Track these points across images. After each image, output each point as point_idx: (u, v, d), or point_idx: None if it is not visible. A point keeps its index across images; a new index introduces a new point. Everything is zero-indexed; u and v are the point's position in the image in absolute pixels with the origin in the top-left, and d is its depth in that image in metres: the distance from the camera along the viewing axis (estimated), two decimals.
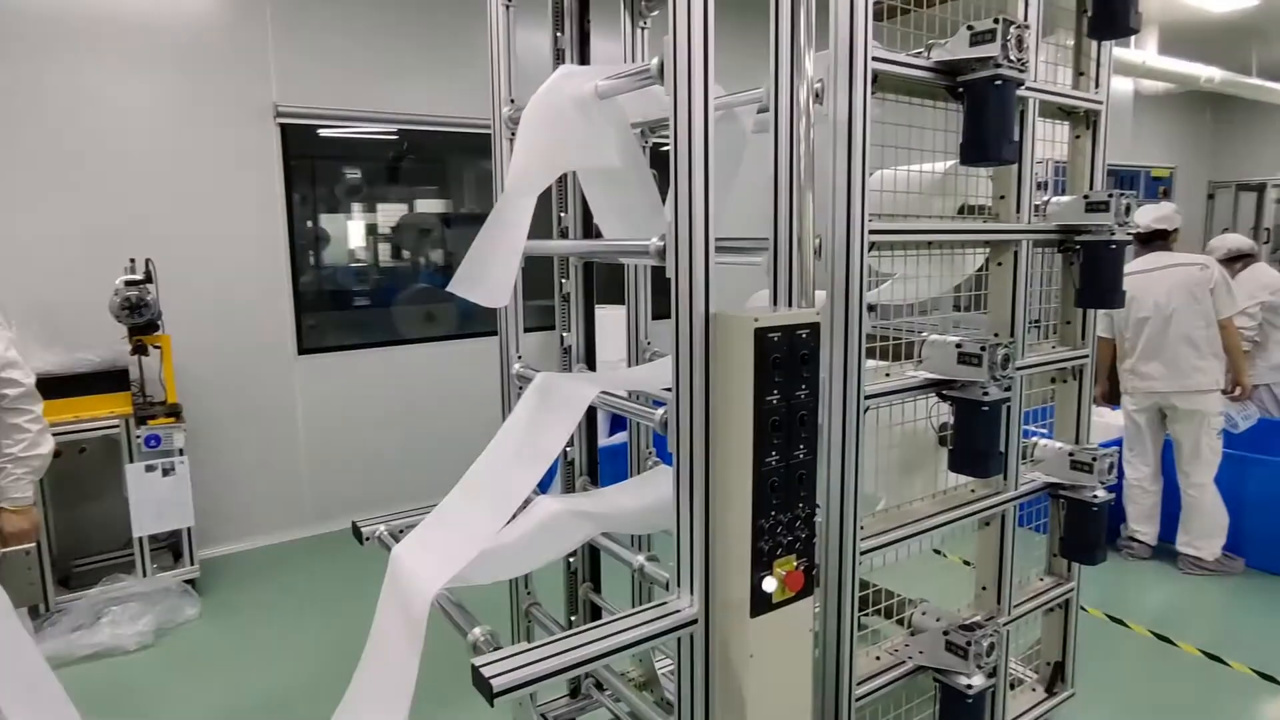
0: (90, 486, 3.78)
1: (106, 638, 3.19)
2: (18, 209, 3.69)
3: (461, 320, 5.25)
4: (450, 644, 1.72)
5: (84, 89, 3.82)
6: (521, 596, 2.45)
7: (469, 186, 5.39)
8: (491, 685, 1.34)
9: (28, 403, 2.17)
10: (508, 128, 2.34)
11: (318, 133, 4.52)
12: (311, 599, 3.76)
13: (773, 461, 1.52)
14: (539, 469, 1.87)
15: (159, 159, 4.00)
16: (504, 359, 2.41)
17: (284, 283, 4.41)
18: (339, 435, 4.60)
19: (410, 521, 2.10)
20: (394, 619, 1.81)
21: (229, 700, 2.93)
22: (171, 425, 3.57)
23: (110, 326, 3.57)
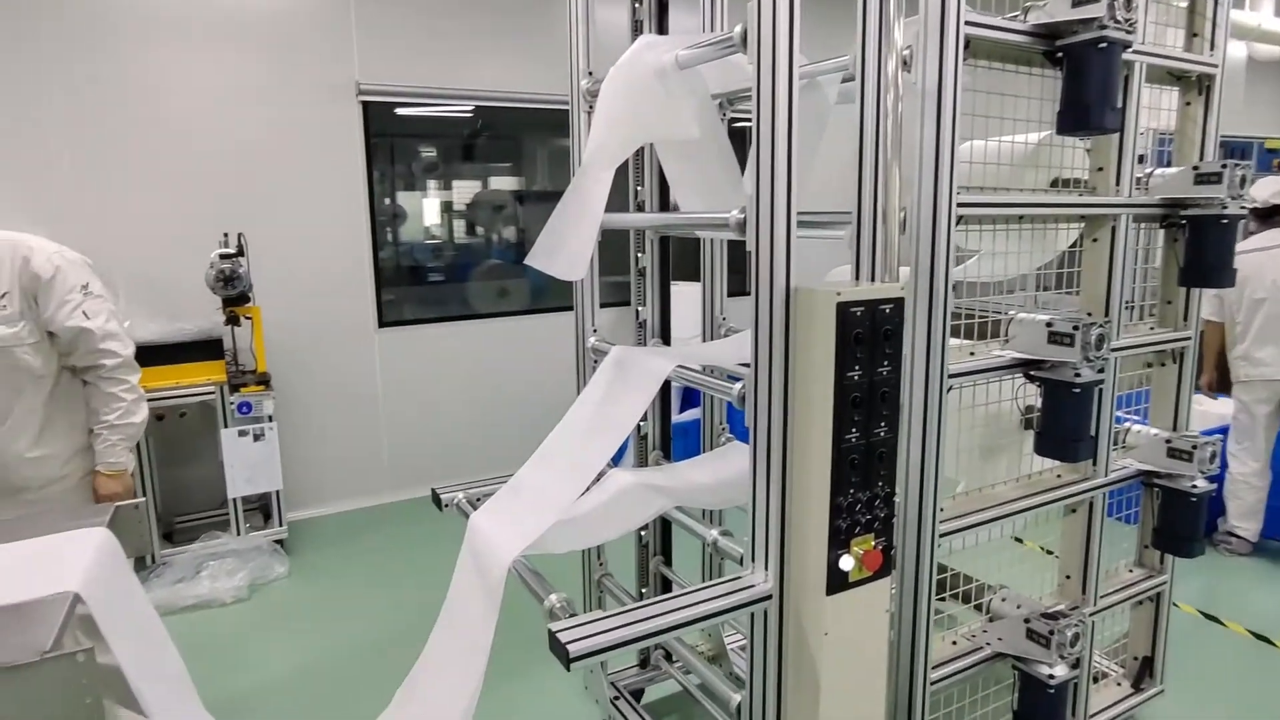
0: (190, 448, 4.00)
1: (206, 590, 3.39)
2: (124, 188, 3.89)
3: (534, 296, 5.32)
4: (519, 610, 1.75)
5: (179, 74, 3.99)
6: (594, 567, 2.49)
7: (541, 163, 5.43)
8: (568, 650, 1.37)
9: (124, 373, 2.29)
10: (586, 101, 2.33)
11: (395, 111, 4.61)
12: (390, 561, 3.91)
13: (853, 439, 1.49)
14: (614, 441, 1.88)
15: (249, 138, 4.16)
16: (579, 332, 2.43)
17: (365, 258, 4.54)
18: (416, 406, 4.74)
19: (487, 490, 2.15)
20: (471, 583, 1.87)
21: (315, 654, 3.08)
22: (261, 393, 3.74)
23: (206, 298, 3.75)
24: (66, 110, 3.76)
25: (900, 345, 1.57)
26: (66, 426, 2.22)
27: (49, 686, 1.15)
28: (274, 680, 2.88)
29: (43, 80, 3.72)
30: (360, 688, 2.82)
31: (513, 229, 5.39)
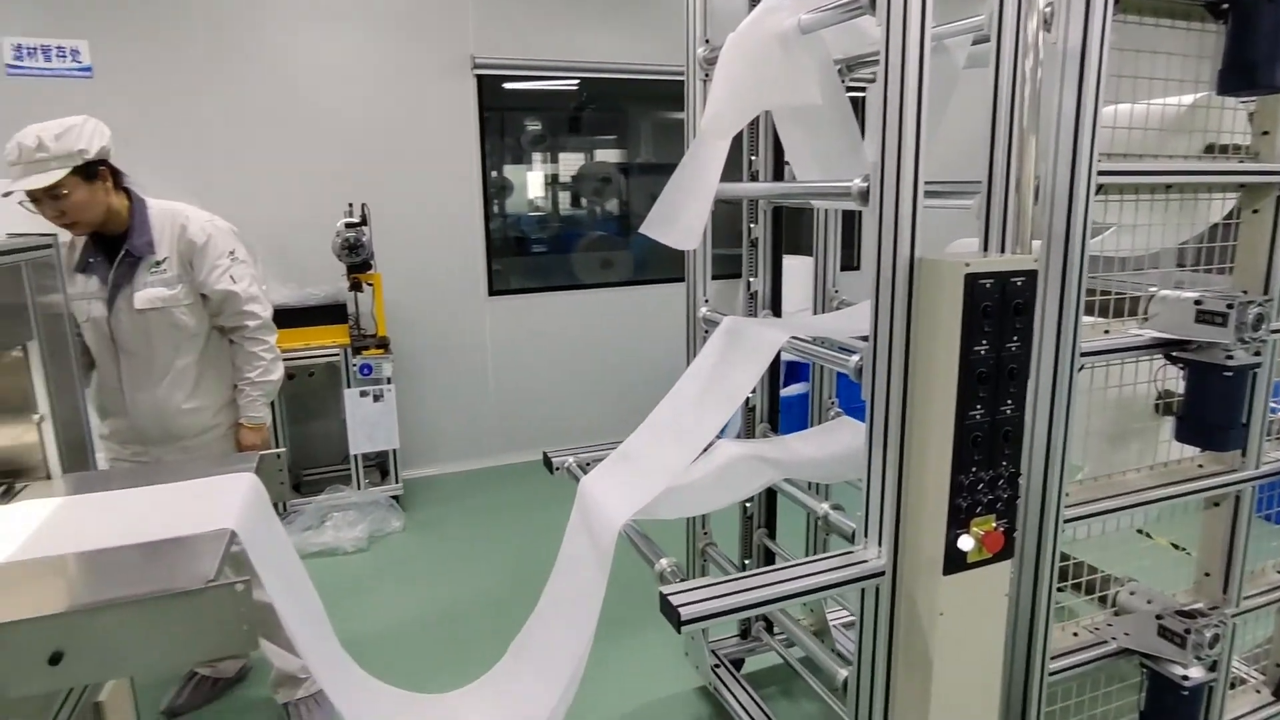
0: (317, 406, 4.27)
1: (330, 539, 3.63)
2: (262, 162, 4.16)
3: (636, 268, 5.37)
4: (622, 573, 1.78)
5: (312, 54, 4.21)
6: (698, 535, 2.51)
7: (646, 135, 5.43)
8: (680, 613, 1.39)
9: (264, 333, 2.46)
10: (702, 69, 2.31)
11: (502, 85, 4.70)
12: (498, 521, 4.07)
13: (977, 415, 1.44)
14: (726, 412, 1.88)
15: (373, 113, 4.35)
16: (690, 303, 2.44)
17: (478, 228, 4.68)
18: (523, 373, 4.89)
19: (596, 455, 2.20)
20: (581, 544, 1.92)
21: (428, 604, 3.26)
22: (381, 356, 3.94)
23: (332, 265, 3.97)
24: (215, 91, 4.04)
25: (1031, 320, 1.50)
26: (216, 381, 2.41)
27: (212, 612, 1.26)
28: (390, 627, 3.06)
29: (197, 63, 4.00)
30: (471, 638, 2.96)
31: (616, 201, 5.43)
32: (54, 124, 2.08)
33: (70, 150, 2.06)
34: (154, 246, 2.27)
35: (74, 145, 2.07)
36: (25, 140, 2.03)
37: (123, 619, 1.25)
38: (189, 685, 2.59)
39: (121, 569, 1.40)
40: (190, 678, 2.61)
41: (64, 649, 1.21)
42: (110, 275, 2.25)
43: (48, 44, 3.82)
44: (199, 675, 2.62)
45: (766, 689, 2.52)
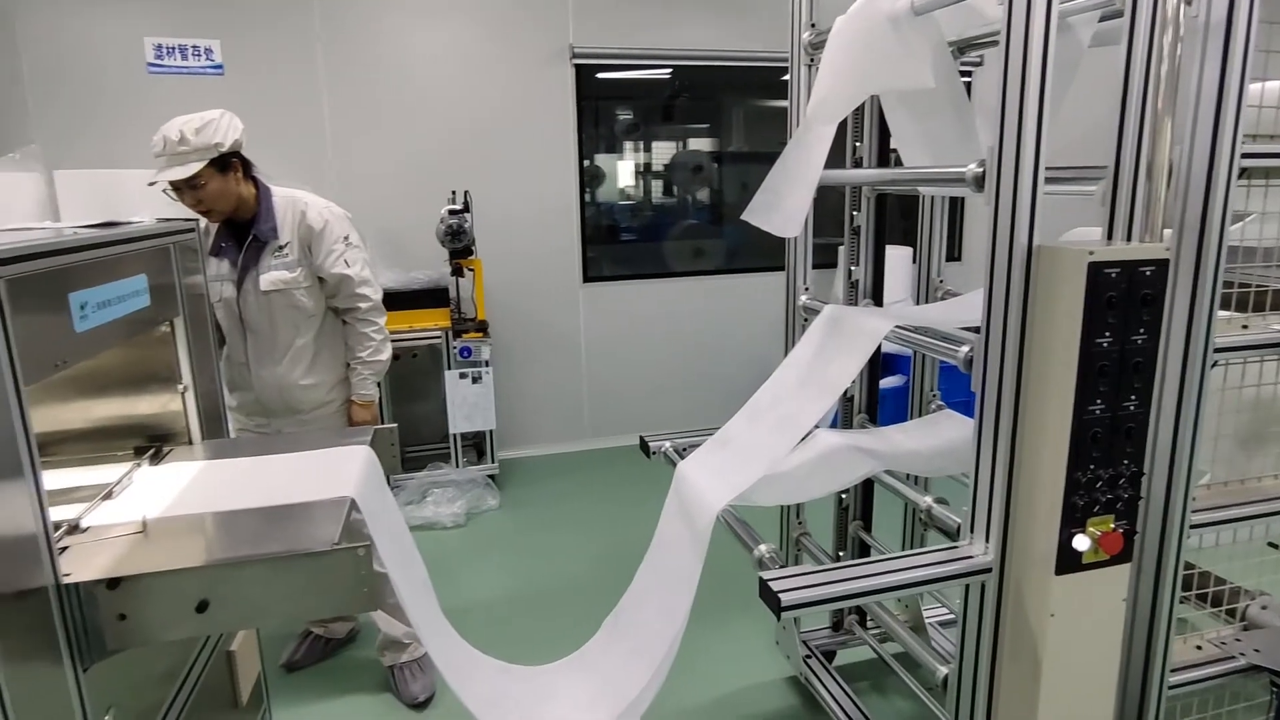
0: (419, 387, 4.46)
1: (430, 514, 3.79)
2: (370, 150, 4.35)
3: (728, 257, 5.35)
4: (714, 558, 1.79)
5: (418, 45, 4.37)
6: (792, 524, 2.50)
7: (738, 124, 5.39)
8: (780, 599, 1.39)
9: (375, 315, 2.59)
10: (807, 54, 2.28)
11: (596, 75, 4.74)
12: (590, 503, 4.16)
13: (1097, 410, 1.38)
14: (827, 401, 1.87)
15: (475, 102, 4.48)
16: (790, 290, 2.41)
17: (573, 216, 4.76)
18: (616, 359, 4.95)
19: (693, 441, 2.21)
20: (677, 528, 1.95)
21: (522, 580, 3.36)
22: (480, 340, 4.07)
23: (435, 251, 4.11)
24: (329, 85, 4.26)
25: (1160, 313, 1.42)
26: (330, 359, 2.55)
27: (336, 573, 1.35)
28: (485, 600, 3.18)
29: (313, 60, 4.22)
30: (560, 615, 3.05)
31: (708, 190, 5.41)
32: (194, 118, 2.23)
33: (208, 144, 2.22)
34: (277, 232, 2.42)
35: (211, 139, 2.22)
36: (169, 134, 2.19)
37: (259, 574, 1.34)
38: (304, 643, 2.77)
39: (256, 529, 1.51)
40: (306, 636, 2.79)
41: (209, 598, 1.32)
42: (239, 259, 2.41)
43: (184, 44, 4.10)
44: (313, 634, 2.79)
45: (858, 683, 2.49)
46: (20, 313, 1.22)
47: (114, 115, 3.97)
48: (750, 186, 5.28)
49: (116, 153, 3.87)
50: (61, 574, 1.27)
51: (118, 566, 1.33)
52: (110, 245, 1.60)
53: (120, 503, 1.63)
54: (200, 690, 1.81)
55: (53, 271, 1.35)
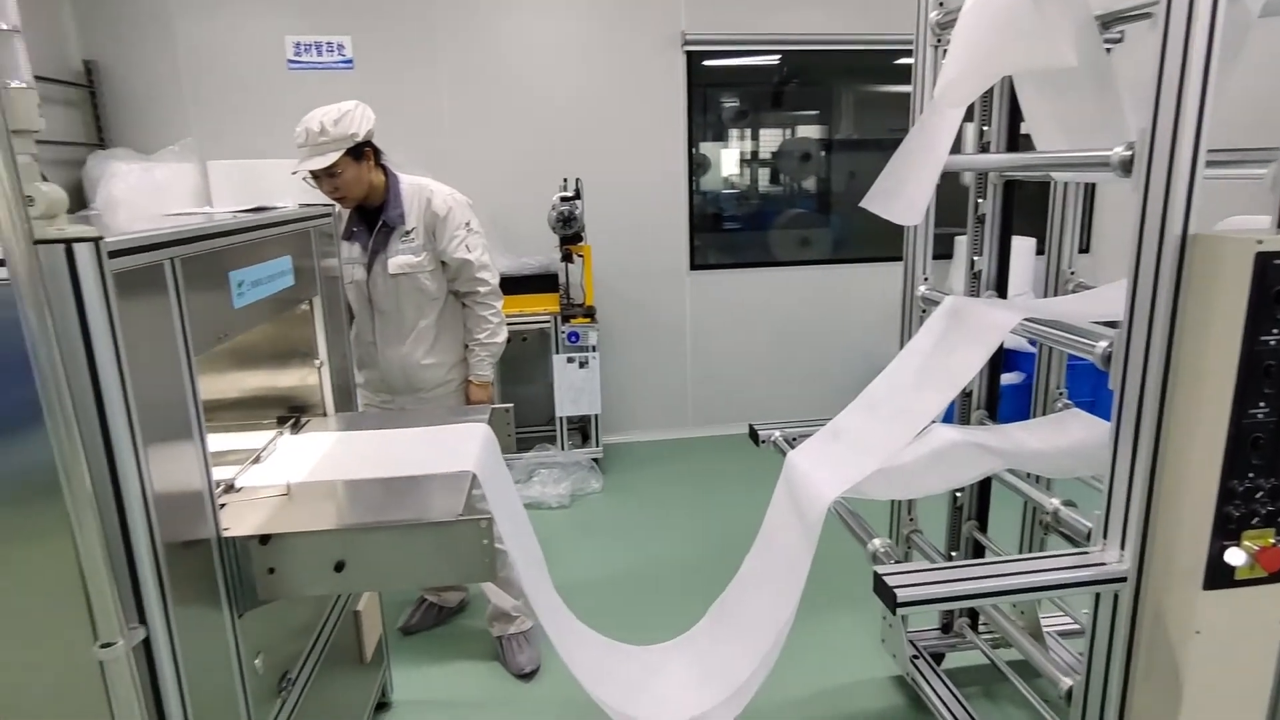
0: (527, 370, 4.59)
1: (536, 493, 3.91)
2: (485, 138, 4.49)
3: (835, 246, 5.23)
4: (819, 550, 1.77)
5: (528, 32, 4.47)
6: (903, 520, 2.43)
7: (848, 111, 5.24)
8: (895, 595, 1.36)
9: (493, 299, 2.68)
10: (933, 34, 2.19)
11: (702, 62, 4.71)
12: (692, 490, 4.17)
13: (1259, 415, 1.28)
14: (946, 394, 1.81)
15: (587, 90, 4.55)
16: (908, 280, 2.34)
17: (682, 203, 4.77)
18: (721, 348, 4.94)
19: (803, 431, 2.18)
20: (786, 518, 1.93)
21: (625, 562, 3.42)
22: (588, 325, 4.14)
23: (545, 237, 4.21)
24: (449, 76, 4.42)
25: None
26: (450, 340, 2.66)
27: (460, 542, 1.42)
28: (588, 579, 3.25)
29: (435, 53, 4.39)
30: (661, 599, 3.08)
31: (815, 178, 5.30)
32: (332, 109, 2.36)
33: (345, 134, 2.34)
34: (405, 218, 2.53)
35: (348, 129, 2.35)
36: (311, 125, 2.33)
37: (390, 540, 1.43)
38: (420, 609, 2.92)
39: (386, 497, 1.61)
40: (421, 603, 2.94)
41: (346, 559, 1.41)
42: (369, 243, 2.54)
43: (319, 41, 4.34)
44: (428, 602, 2.93)
45: (968, 688, 2.40)
46: (190, 289, 1.34)
47: (258, 109, 4.26)
48: (859, 175, 5.22)
49: (259, 143, 4.16)
50: (221, 528, 1.39)
51: (268, 524, 1.45)
52: (262, 229, 1.73)
53: (267, 467, 1.76)
54: (331, 645, 1.94)
55: (216, 252, 1.47)
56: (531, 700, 2.53)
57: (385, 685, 2.46)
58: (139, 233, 1.22)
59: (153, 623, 1.18)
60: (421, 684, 2.61)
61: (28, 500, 1.15)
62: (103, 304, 1.09)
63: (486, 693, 2.57)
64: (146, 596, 1.17)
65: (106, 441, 1.12)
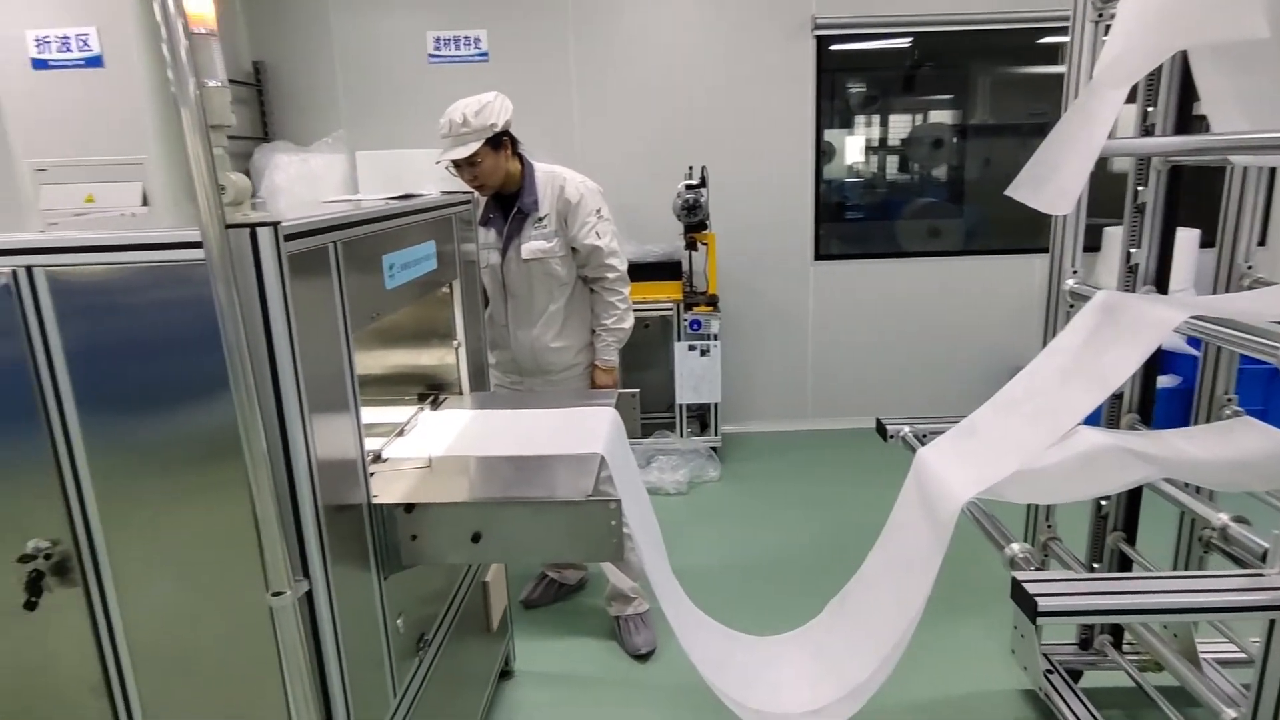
0: (648, 356, 4.64)
1: (654, 479, 3.96)
2: (612, 126, 4.56)
3: (967, 237, 4.98)
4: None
5: (656, 18, 4.49)
6: (1040, 527, 2.31)
7: (984, 95, 4.96)
8: (1036, 603, 1.30)
9: (621, 285, 2.73)
10: (1094, 9, 2.05)
11: (830, 46, 4.57)
12: (809, 481, 4.12)
13: None
14: (1095, 395, 1.69)
15: (714, 77, 4.52)
16: (1054, 273, 2.21)
17: (808, 192, 4.67)
18: (844, 340, 4.82)
19: (933, 428, 2.11)
20: (914, 516, 1.87)
21: (740, 552, 3.42)
22: (710, 313, 4.14)
23: (669, 225, 4.23)
24: (578, 65, 4.51)
25: None
26: (578, 325, 2.74)
27: (589, 522, 1.47)
28: (704, 567, 3.26)
29: (564, 43, 4.49)
30: (776, 590, 3.06)
31: (947, 166, 5.05)
32: (473, 101, 2.46)
33: (485, 124, 2.44)
34: (539, 205, 2.61)
35: (488, 120, 2.44)
36: (454, 116, 2.44)
37: (523, 515, 1.49)
38: (540, 584, 3.03)
39: (520, 474, 1.68)
40: (542, 578, 3.05)
41: (482, 531, 1.48)
42: (504, 229, 2.64)
43: (457, 35, 4.53)
44: (549, 578, 3.04)
45: (1109, 710, 2.25)
46: (349, 271, 1.44)
47: (400, 101, 4.50)
48: (994, 162, 4.95)
49: (401, 134, 4.40)
50: (371, 495, 1.49)
51: (412, 494, 1.54)
52: (410, 214, 1.83)
53: (409, 440, 1.87)
54: (462, 613, 2.05)
55: (371, 236, 1.58)
56: (646, 681, 2.58)
57: (509, 655, 2.57)
58: (309, 218, 1.32)
59: (314, 577, 1.29)
60: (542, 656, 2.71)
61: (211, 459, 1.27)
62: (279, 283, 1.19)
63: (603, 670, 2.64)
64: (309, 553, 1.28)
65: (279, 409, 1.23)
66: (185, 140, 1.09)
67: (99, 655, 1.36)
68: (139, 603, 1.35)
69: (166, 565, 1.33)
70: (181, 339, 1.24)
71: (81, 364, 1.25)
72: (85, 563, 1.32)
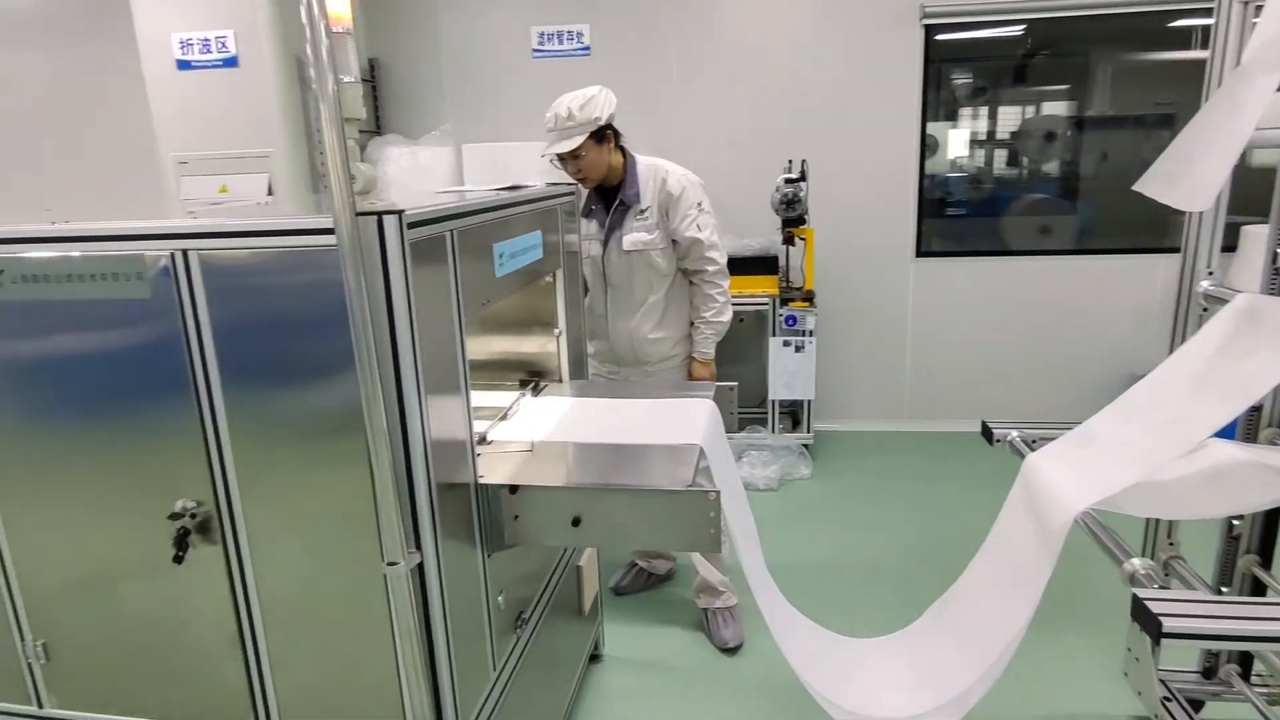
0: (742, 351, 4.60)
1: (745, 474, 3.93)
2: (711, 119, 4.54)
3: (1080, 235, 4.72)
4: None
5: (758, 11, 4.43)
6: (1161, 543, 2.17)
7: (1103, 84, 4.66)
8: (1160, 623, 1.23)
9: (720, 279, 2.73)
10: None
11: (936, 36, 4.39)
12: (903, 484, 4.00)
13: None
14: (1231, 406, 1.59)
15: (816, 68, 4.44)
16: (1186, 274, 2.07)
17: (911, 186, 4.53)
18: (945, 340, 4.66)
19: (1044, 434, 2.02)
20: (1022, 523, 1.80)
21: (827, 551, 3.36)
22: (806, 309, 4.08)
23: (766, 219, 4.18)
24: (677, 57, 4.52)
25: None
26: (677, 317, 2.75)
27: (688, 512, 1.48)
28: (793, 564, 3.21)
29: (664, 35, 4.51)
30: (870, 591, 3.00)
31: (1060, 160, 4.79)
32: (578, 95, 2.50)
33: (590, 118, 2.47)
34: (640, 197, 2.64)
35: (592, 114, 2.48)
36: (559, 111, 2.49)
37: (623, 502, 1.52)
38: (630, 572, 3.07)
39: (619, 462, 1.71)
40: (632, 567, 3.09)
41: (582, 516, 1.52)
42: (606, 220, 2.67)
43: (560, 30, 4.61)
44: (638, 566, 3.08)
45: None
46: (463, 258, 1.49)
47: (504, 96, 4.63)
48: (1113, 156, 4.64)
49: (504, 128, 4.52)
50: (478, 475, 1.55)
51: (516, 476, 1.59)
52: (518, 205, 1.88)
53: (512, 424, 1.93)
54: (556, 595, 2.10)
55: (483, 226, 1.63)
56: (733, 674, 2.58)
57: (598, 639, 2.62)
58: (429, 207, 1.38)
59: (426, 550, 1.35)
60: (630, 642, 2.74)
61: (335, 433, 1.35)
62: (402, 269, 1.25)
63: (690, 661, 2.66)
64: (422, 527, 1.34)
65: (399, 389, 1.29)
66: (309, 134, 1.16)
67: (234, 609, 1.47)
68: (269, 562, 1.45)
69: (294, 529, 1.42)
70: (311, 320, 1.32)
71: (225, 340, 1.35)
72: (224, 523, 1.42)
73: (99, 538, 1.51)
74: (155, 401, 1.40)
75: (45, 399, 1.45)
